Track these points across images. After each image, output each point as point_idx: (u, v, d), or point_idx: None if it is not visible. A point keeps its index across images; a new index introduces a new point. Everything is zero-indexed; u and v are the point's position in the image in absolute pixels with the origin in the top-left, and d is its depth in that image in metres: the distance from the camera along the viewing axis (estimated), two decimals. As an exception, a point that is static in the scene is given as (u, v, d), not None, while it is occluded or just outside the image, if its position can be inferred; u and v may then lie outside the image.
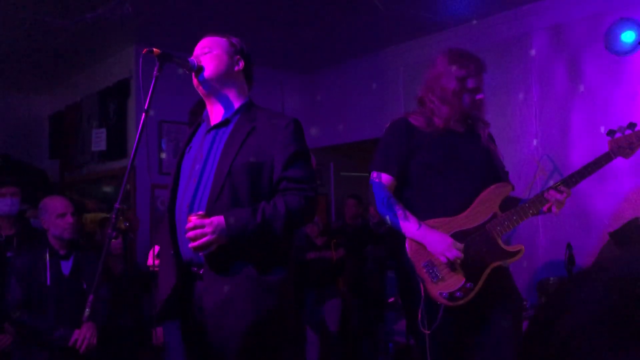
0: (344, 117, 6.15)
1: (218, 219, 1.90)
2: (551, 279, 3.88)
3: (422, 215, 2.25)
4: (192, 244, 1.90)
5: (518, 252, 2.25)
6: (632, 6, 3.98)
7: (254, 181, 1.99)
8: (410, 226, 2.23)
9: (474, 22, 4.82)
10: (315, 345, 4.64)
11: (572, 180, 2.30)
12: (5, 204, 3.78)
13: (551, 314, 0.59)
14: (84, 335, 3.05)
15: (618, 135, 2.35)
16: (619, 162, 3.99)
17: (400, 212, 2.24)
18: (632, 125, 2.33)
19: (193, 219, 1.90)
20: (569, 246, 3.85)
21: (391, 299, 4.77)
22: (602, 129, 4.13)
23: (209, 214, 1.93)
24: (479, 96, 2.34)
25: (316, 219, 4.76)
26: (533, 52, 4.51)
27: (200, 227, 1.88)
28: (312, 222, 4.68)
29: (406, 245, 2.24)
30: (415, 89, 2.51)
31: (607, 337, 0.52)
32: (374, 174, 2.36)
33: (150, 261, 3.47)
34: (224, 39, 2.16)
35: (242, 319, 1.93)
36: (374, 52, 5.78)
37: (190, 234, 1.90)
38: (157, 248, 2.22)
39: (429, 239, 2.20)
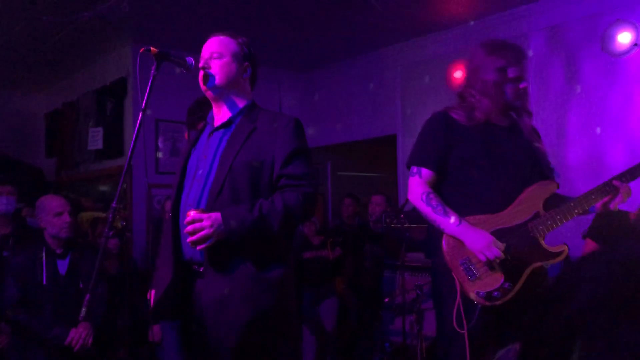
0: (341, 116, 6.15)
1: (216, 214, 1.92)
2: (548, 278, 3.88)
3: (460, 211, 2.18)
4: (190, 238, 1.92)
5: (561, 252, 2.17)
6: (628, 7, 4.00)
7: (255, 179, 2.01)
8: (450, 222, 2.15)
9: (471, 22, 4.83)
10: (311, 344, 4.65)
11: (624, 178, 2.19)
12: (1, 203, 3.77)
13: (559, 293, 0.59)
14: (79, 335, 3.05)
15: None
16: (614, 162, 4.02)
17: (440, 208, 2.18)
18: None
19: (192, 213, 1.92)
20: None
21: (387, 299, 4.77)
22: (598, 130, 4.17)
23: (209, 211, 1.95)
24: (522, 85, 2.26)
25: (313, 218, 4.76)
26: (530, 52, 4.52)
27: (198, 221, 1.91)
28: (310, 220, 4.68)
29: (443, 241, 2.17)
30: (413, 89, 2.49)
31: (611, 314, 0.53)
32: (414, 169, 2.29)
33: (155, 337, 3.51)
34: (234, 42, 2.15)
35: (240, 316, 1.94)
36: (371, 52, 5.78)
37: (189, 227, 1.92)
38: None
39: (469, 236, 2.12)
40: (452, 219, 2.15)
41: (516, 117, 2.36)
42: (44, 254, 3.15)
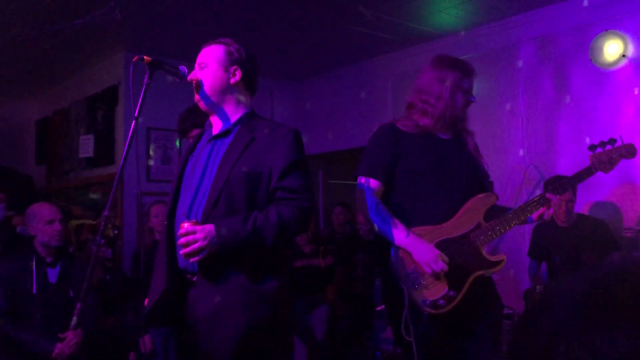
0: (332, 125, 6.17)
1: (209, 227, 1.91)
2: (537, 287, 3.93)
3: (407, 221, 2.25)
4: (183, 250, 1.91)
5: (500, 262, 2.26)
6: (616, 19, 4.05)
7: (251, 191, 2.00)
8: (398, 234, 2.22)
9: (462, 32, 4.87)
10: (302, 353, 4.63)
11: (557, 191, 2.31)
12: (-10, 210, 3.75)
13: (542, 303, 0.63)
14: (67, 343, 3.01)
15: (599, 150, 2.38)
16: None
17: (389, 219, 2.24)
18: (612, 141, 2.36)
19: (185, 226, 1.91)
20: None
21: (380, 307, 4.77)
22: (588, 140, 4.21)
23: (204, 222, 1.94)
24: (471, 98, 2.37)
25: (304, 226, 4.75)
26: (520, 62, 4.56)
27: (192, 233, 1.89)
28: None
29: (392, 252, 2.24)
30: (404, 98, 2.52)
31: (588, 325, 0.56)
32: (362, 180, 2.34)
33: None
34: (221, 49, 2.14)
35: (233, 328, 1.92)
36: (363, 61, 5.81)
37: (182, 240, 1.90)
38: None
39: (416, 249, 2.20)
40: (401, 231, 2.22)
41: (459, 132, 2.45)
42: (34, 263, 3.13)
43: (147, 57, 2.03)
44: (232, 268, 1.96)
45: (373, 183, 2.32)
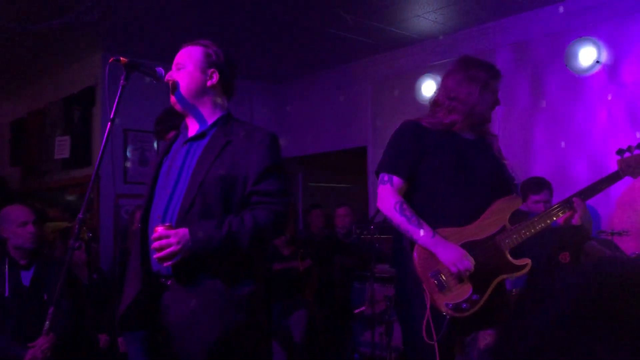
0: (312, 128, 6.19)
1: (183, 231, 1.89)
2: (514, 290, 3.96)
3: (428, 221, 2.20)
4: (156, 255, 1.89)
5: (525, 265, 2.22)
6: (590, 27, 4.13)
7: (227, 194, 1.98)
8: (423, 234, 2.17)
9: (440, 37, 4.92)
10: (280, 357, 4.62)
11: (584, 195, 2.28)
12: (-38, 212, 3.67)
13: (531, 300, 0.57)
14: (39, 348, 2.96)
15: (627, 155, 2.31)
16: (578, 175, 4.13)
17: (414, 219, 2.19)
18: None
19: (159, 229, 1.89)
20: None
21: (358, 310, 4.78)
22: (563, 144, 4.28)
23: (179, 226, 1.92)
24: (498, 100, 2.36)
25: (283, 229, 4.74)
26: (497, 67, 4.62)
27: (165, 237, 1.87)
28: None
29: (414, 253, 2.19)
30: (383, 102, 2.51)
31: (576, 329, 0.50)
32: (385, 177, 2.28)
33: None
34: (199, 50, 2.12)
35: (208, 333, 1.90)
36: (342, 64, 5.84)
37: (155, 244, 1.88)
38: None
39: (442, 249, 2.15)
40: (426, 231, 2.18)
41: (483, 133, 2.42)
42: (6, 266, 3.07)
43: (124, 59, 2.01)
44: (206, 272, 1.94)
45: (396, 180, 2.26)
